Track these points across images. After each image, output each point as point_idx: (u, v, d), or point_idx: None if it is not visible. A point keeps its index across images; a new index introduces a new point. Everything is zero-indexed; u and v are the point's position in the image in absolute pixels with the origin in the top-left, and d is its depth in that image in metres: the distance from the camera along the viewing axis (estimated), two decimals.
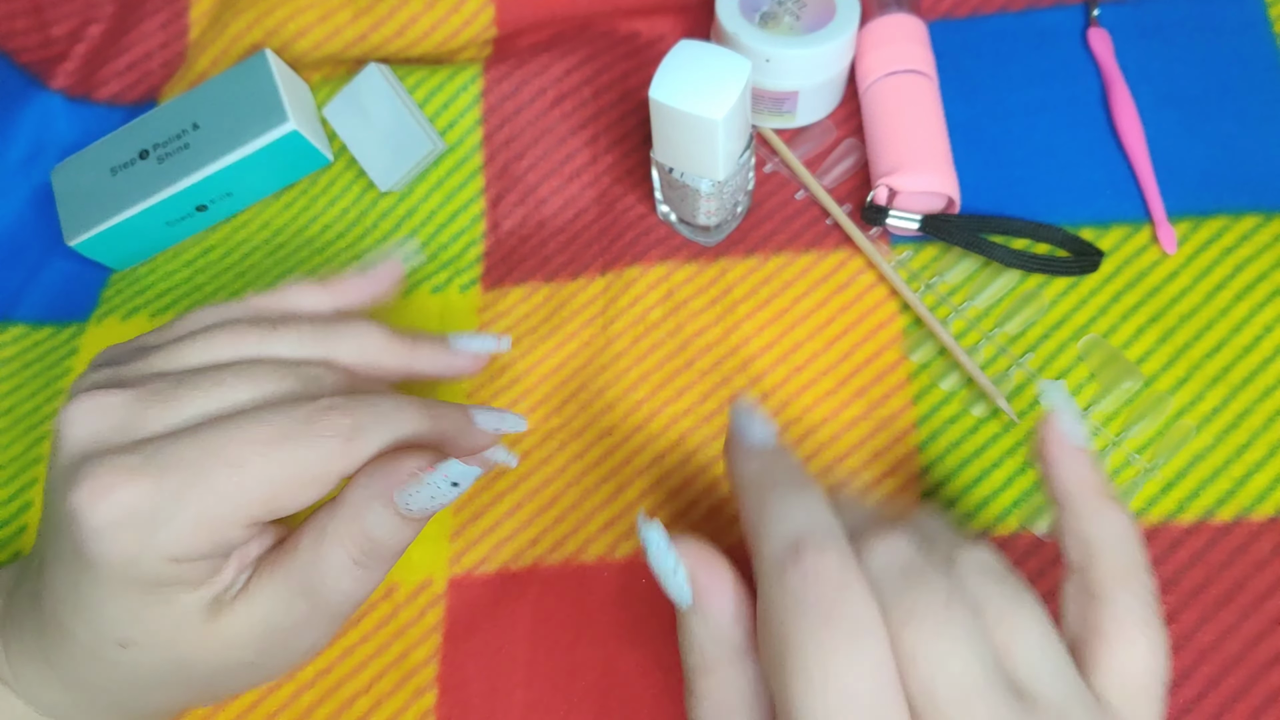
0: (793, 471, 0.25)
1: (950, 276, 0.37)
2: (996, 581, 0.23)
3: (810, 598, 0.21)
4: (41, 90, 0.46)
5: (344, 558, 0.26)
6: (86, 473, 0.24)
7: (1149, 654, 0.23)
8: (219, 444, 0.25)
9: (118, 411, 0.25)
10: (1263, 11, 0.40)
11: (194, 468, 0.24)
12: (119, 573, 0.24)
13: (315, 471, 0.25)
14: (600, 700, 0.32)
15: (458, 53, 0.45)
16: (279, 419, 0.25)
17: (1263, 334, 0.35)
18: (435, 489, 0.25)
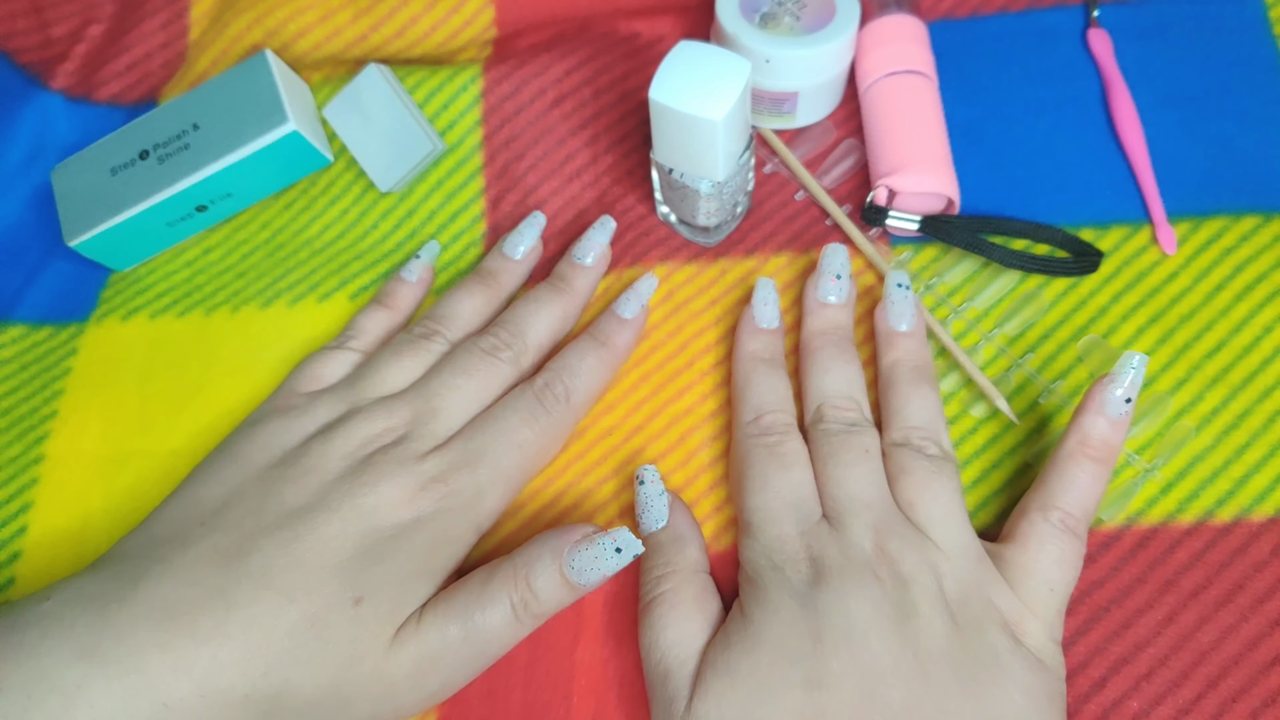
0: (776, 354, 0.35)
1: (950, 277, 0.37)
2: (921, 457, 0.31)
3: (761, 443, 0.32)
4: (41, 90, 0.46)
5: (505, 600, 0.29)
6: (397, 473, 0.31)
7: (1047, 561, 0.29)
8: (501, 432, 0.32)
9: (400, 427, 0.33)
10: (1263, 12, 0.40)
11: (493, 453, 0.32)
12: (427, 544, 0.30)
13: (557, 432, 0.34)
14: (599, 701, 0.32)
15: (458, 53, 0.45)
16: (521, 403, 0.33)
17: (1263, 334, 0.35)
18: (600, 550, 0.29)
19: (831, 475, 0.31)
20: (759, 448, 0.32)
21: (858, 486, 0.31)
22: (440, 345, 0.35)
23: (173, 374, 0.39)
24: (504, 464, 0.32)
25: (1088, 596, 0.32)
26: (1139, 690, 0.30)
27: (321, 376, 0.35)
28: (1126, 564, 0.32)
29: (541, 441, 0.33)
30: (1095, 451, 0.30)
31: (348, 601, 0.28)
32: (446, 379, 0.34)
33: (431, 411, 0.33)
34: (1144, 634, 0.31)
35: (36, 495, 0.37)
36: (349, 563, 0.29)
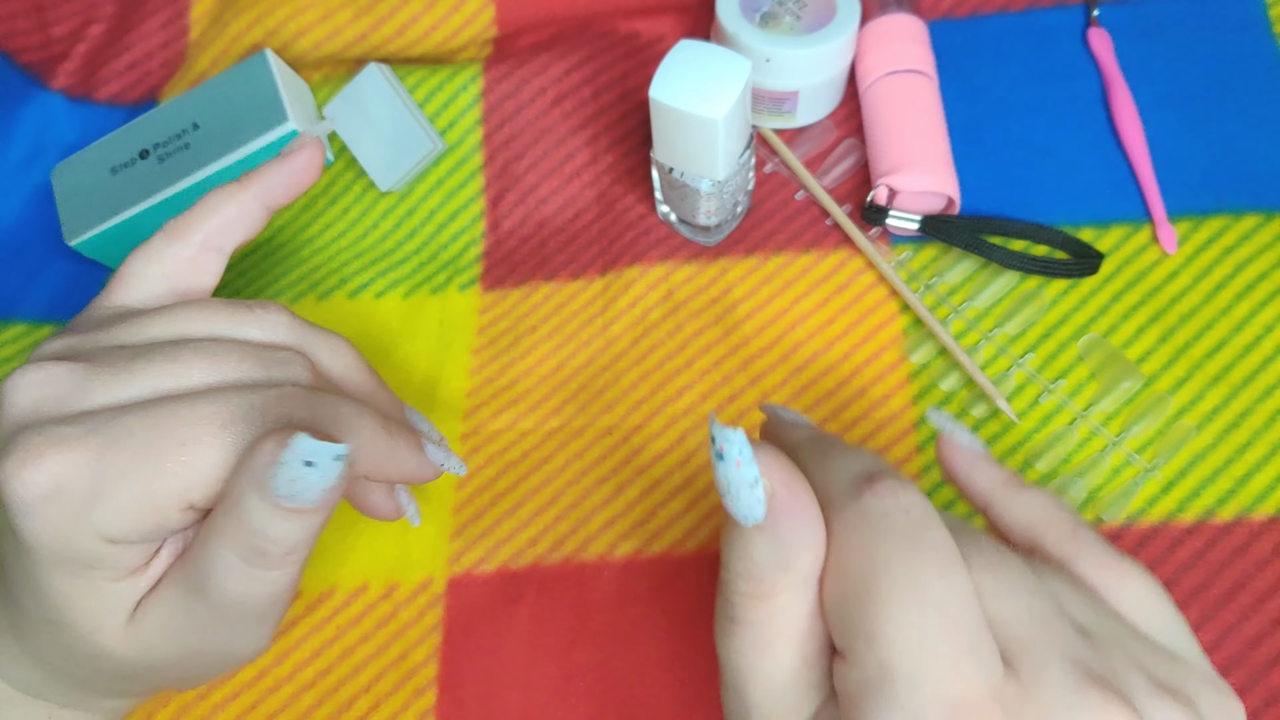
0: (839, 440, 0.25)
1: (950, 277, 0.37)
2: (1011, 555, 0.22)
3: (895, 523, 0.20)
4: (42, 90, 0.46)
5: (229, 555, 0.23)
6: (19, 443, 0.23)
7: (1136, 574, 0.23)
8: (169, 422, 0.23)
9: (63, 382, 0.24)
10: (1263, 11, 0.40)
11: (140, 443, 0.23)
12: (48, 550, 0.23)
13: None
14: (598, 701, 0.32)
15: (458, 53, 0.45)
16: (234, 401, 0.24)
17: (1263, 334, 0.35)
18: (294, 470, 0.22)
19: (985, 584, 0.20)
20: (891, 531, 0.20)
21: (1032, 600, 0.20)
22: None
23: None
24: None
25: None
26: None
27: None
28: None
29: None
30: (1015, 478, 0.25)
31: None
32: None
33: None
34: None
35: None
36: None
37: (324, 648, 0.34)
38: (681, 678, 0.32)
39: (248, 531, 0.23)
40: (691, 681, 0.32)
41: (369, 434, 0.26)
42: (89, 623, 0.25)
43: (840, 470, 0.22)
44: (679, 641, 0.32)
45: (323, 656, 0.34)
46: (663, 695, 0.32)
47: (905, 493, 0.21)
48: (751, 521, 0.21)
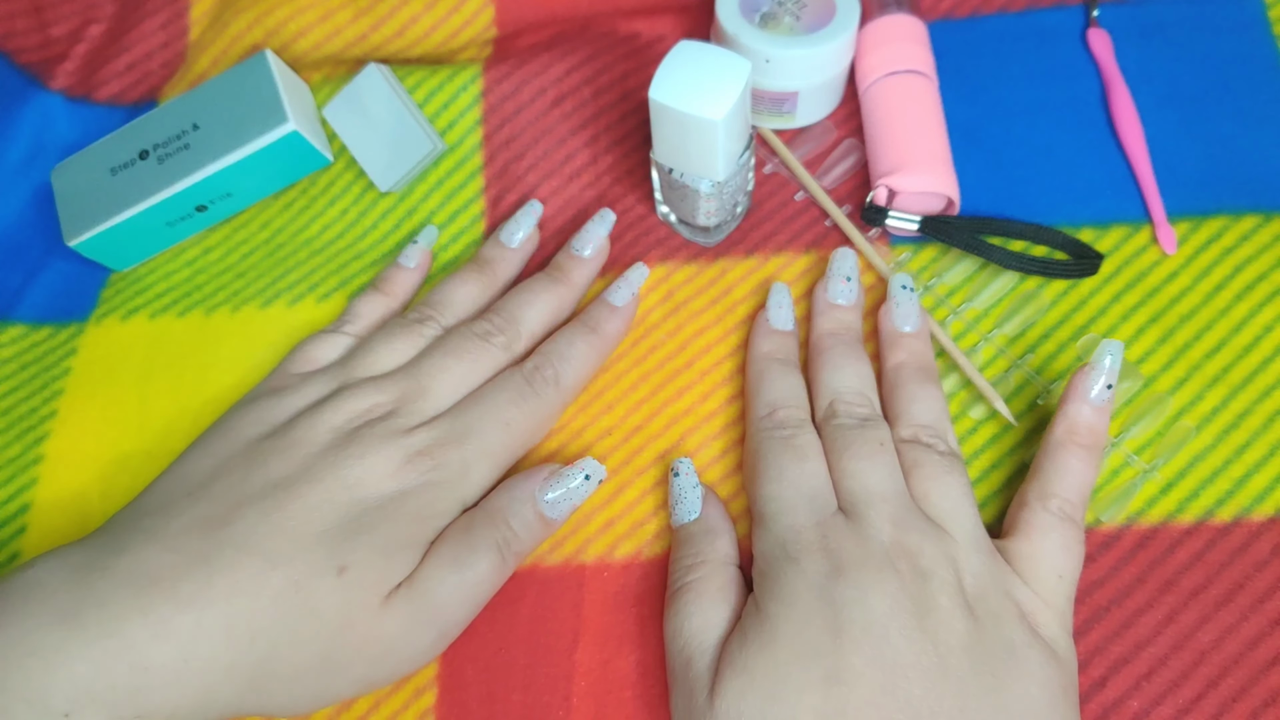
0: (789, 356, 0.35)
1: (949, 278, 0.37)
2: (933, 452, 0.31)
3: (776, 436, 0.33)
4: (41, 90, 0.46)
5: (491, 544, 0.31)
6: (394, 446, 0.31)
7: (1052, 549, 0.30)
8: (489, 411, 0.33)
9: (388, 404, 0.33)
10: (1263, 11, 0.40)
11: (480, 431, 0.32)
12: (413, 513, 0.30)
13: (545, 414, 0.34)
14: (599, 702, 0.32)
15: (458, 53, 0.45)
16: (510, 384, 0.34)
17: (1263, 334, 0.35)
18: (570, 481, 0.32)
19: (847, 468, 0.31)
20: (773, 440, 0.32)
21: (874, 479, 0.30)
22: (433, 330, 0.36)
23: (172, 374, 0.39)
24: (490, 441, 0.33)
25: (1088, 596, 0.32)
26: (1139, 690, 0.30)
27: (315, 359, 0.36)
28: (1127, 564, 0.32)
29: (528, 422, 0.34)
30: (1084, 439, 0.31)
31: (332, 570, 0.29)
32: (437, 360, 0.34)
33: (420, 390, 0.33)
34: (1144, 634, 0.31)
35: (36, 495, 0.37)
36: (333, 532, 0.29)
37: None
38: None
39: (508, 527, 0.31)
40: None
41: (584, 343, 0.35)
42: (336, 620, 0.29)
43: (760, 400, 0.34)
44: None
45: None
46: (664, 696, 0.32)
47: (788, 419, 0.33)
48: (693, 515, 0.33)
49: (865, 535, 0.29)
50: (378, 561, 0.29)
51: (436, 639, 0.30)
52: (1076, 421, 0.31)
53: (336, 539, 0.29)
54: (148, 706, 0.27)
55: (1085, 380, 0.31)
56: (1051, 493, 0.30)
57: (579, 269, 0.37)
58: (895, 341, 0.35)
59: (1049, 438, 0.32)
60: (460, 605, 0.30)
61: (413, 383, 0.33)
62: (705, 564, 0.31)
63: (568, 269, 0.37)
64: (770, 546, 0.30)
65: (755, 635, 0.28)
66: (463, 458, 0.32)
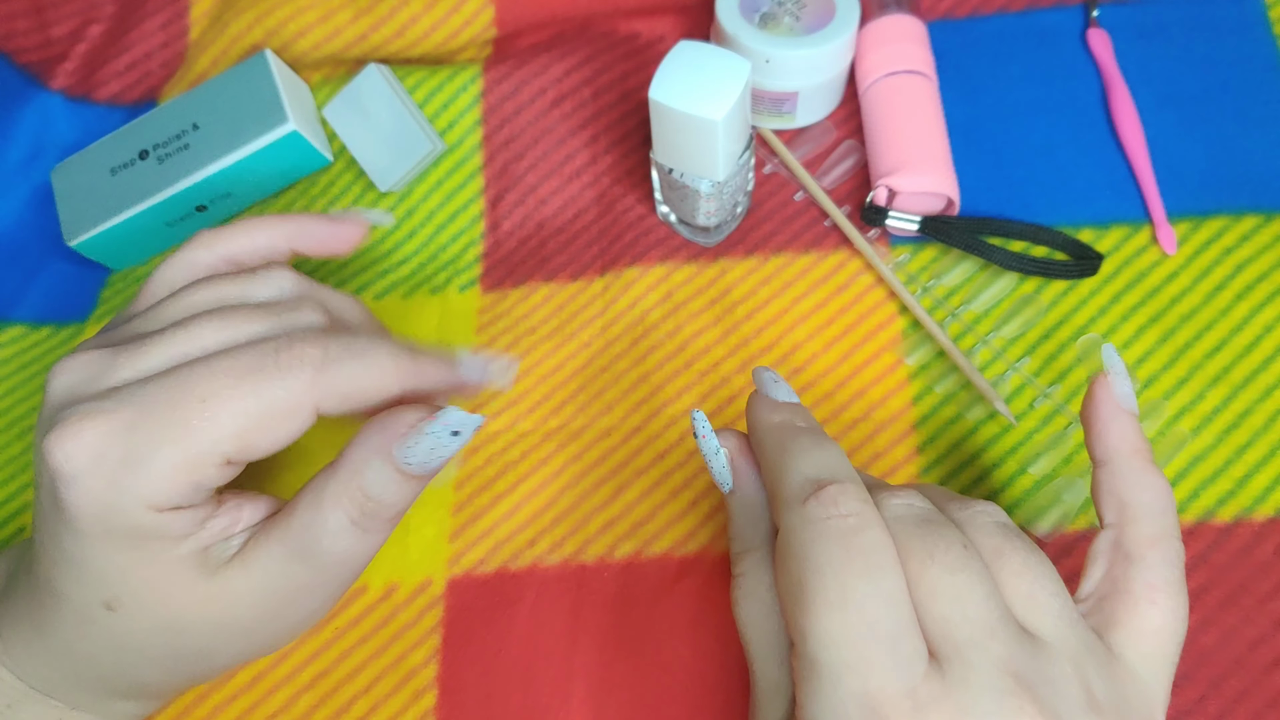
0: (813, 424, 0.27)
1: (949, 279, 0.37)
2: (1007, 535, 0.24)
3: (831, 528, 0.22)
4: (41, 90, 0.46)
5: (342, 518, 0.25)
6: (59, 418, 0.24)
7: (1171, 615, 0.24)
8: (188, 381, 0.24)
9: (92, 365, 0.25)
10: (1263, 11, 0.40)
11: (165, 406, 0.24)
12: (98, 523, 0.24)
13: (287, 404, 0.25)
14: (599, 702, 0.32)
15: (458, 53, 0.45)
16: (247, 353, 0.25)
17: (1263, 334, 0.35)
18: (436, 440, 0.25)
19: (936, 587, 0.22)
20: (827, 536, 0.22)
21: (975, 604, 0.21)
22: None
23: None
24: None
25: None
26: None
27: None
28: None
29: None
30: (1149, 452, 0.26)
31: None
32: None
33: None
34: None
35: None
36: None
37: (323, 649, 0.34)
38: (682, 679, 0.32)
39: (364, 496, 0.25)
40: (693, 682, 0.32)
41: (389, 355, 0.26)
42: (153, 592, 0.25)
43: (793, 473, 0.24)
44: (679, 643, 0.32)
45: (322, 658, 0.34)
46: (664, 696, 0.32)
47: (846, 500, 0.23)
48: (726, 487, 0.27)
49: (982, 712, 0.20)
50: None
51: (305, 617, 0.28)
52: (1134, 437, 0.26)
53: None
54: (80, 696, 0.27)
55: (1115, 391, 0.27)
56: (1165, 535, 0.24)
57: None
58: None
59: (1110, 468, 0.26)
60: (322, 584, 0.27)
61: None
62: (751, 552, 0.26)
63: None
64: (826, 716, 0.21)
65: None
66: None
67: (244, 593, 0.26)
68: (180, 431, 0.24)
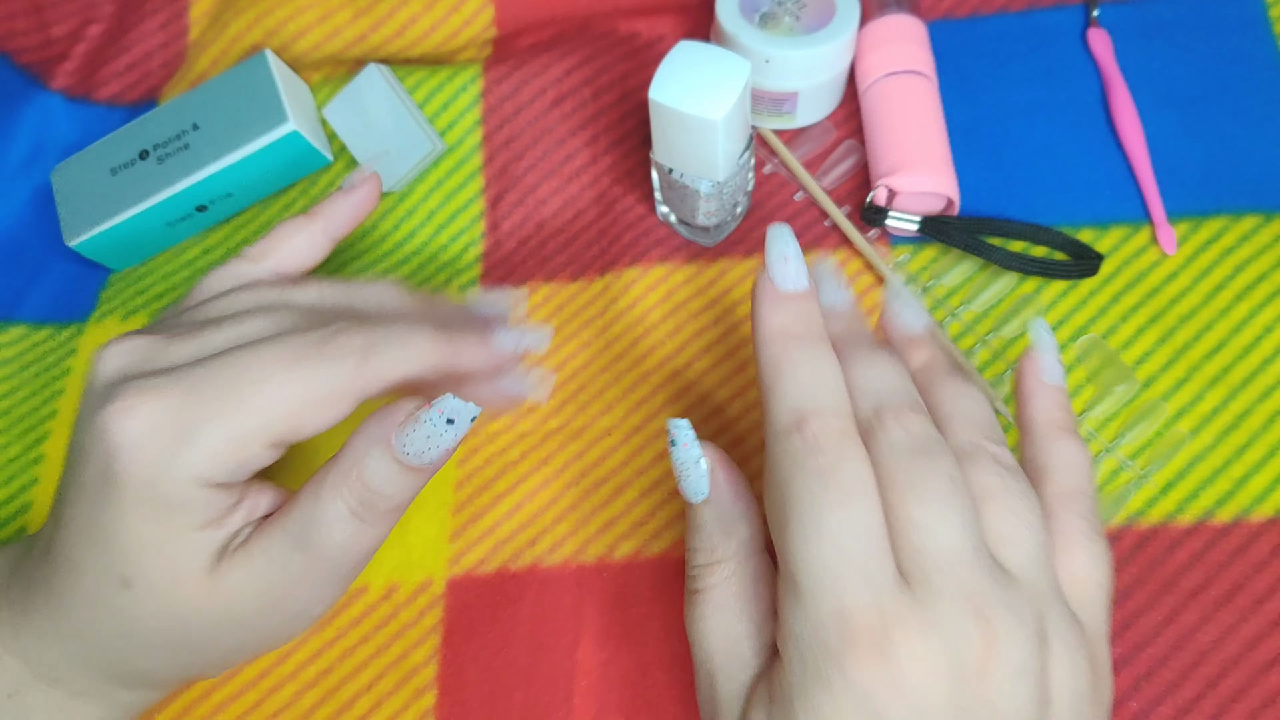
0: (811, 326, 0.26)
1: (948, 279, 0.37)
2: (1003, 476, 0.24)
3: (810, 462, 0.23)
4: (41, 90, 0.46)
5: (341, 508, 0.26)
6: (115, 393, 0.25)
7: (1090, 563, 0.25)
8: (243, 363, 0.26)
9: (146, 348, 0.27)
10: (1263, 11, 0.40)
11: (220, 385, 0.25)
12: (141, 492, 0.25)
13: (332, 389, 0.26)
14: (600, 701, 0.32)
15: (457, 53, 0.45)
16: (296, 340, 0.27)
17: (1262, 334, 0.35)
18: (431, 428, 0.26)
19: (914, 516, 0.23)
20: (806, 472, 0.23)
21: (950, 534, 0.23)
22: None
23: None
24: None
25: None
26: (1139, 690, 0.30)
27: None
28: (1126, 564, 0.32)
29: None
30: (1068, 422, 0.27)
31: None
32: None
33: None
34: (1144, 634, 0.31)
35: (36, 495, 0.37)
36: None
37: (325, 648, 0.34)
38: (682, 678, 0.32)
39: (364, 487, 0.26)
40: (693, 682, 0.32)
41: (428, 340, 0.28)
42: (166, 576, 0.26)
43: (780, 402, 0.25)
44: (679, 642, 0.32)
45: (323, 656, 0.34)
46: (664, 695, 0.32)
47: (826, 434, 0.24)
48: (700, 496, 0.26)
49: (941, 627, 0.22)
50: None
51: (303, 609, 0.28)
52: (1053, 410, 0.27)
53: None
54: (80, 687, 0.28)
55: (1039, 364, 0.28)
56: (1072, 492, 0.26)
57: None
58: (911, 344, 0.29)
59: (1031, 437, 0.27)
60: (322, 578, 0.27)
61: None
62: (721, 565, 0.26)
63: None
64: (807, 631, 0.22)
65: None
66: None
67: (243, 583, 0.26)
68: (234, 408, 0.25)
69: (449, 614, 0.34)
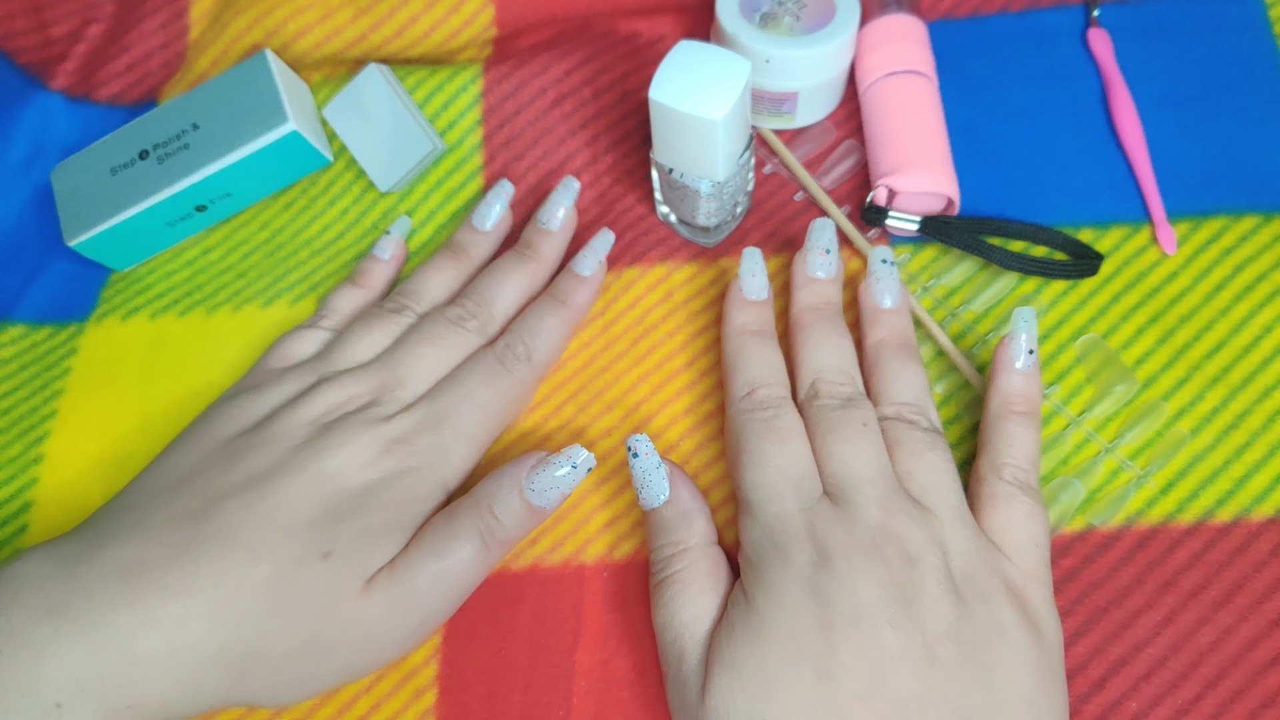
0: (765, 326, 0.35)
1: (948, 279, 0.37)
2: (911, 430, 0.31)
3: (757, 418, 0.32)
4: (41, 90, 0.46)
5: (473, 532, 0.31)
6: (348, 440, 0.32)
7: (1017, 516, 0.30)
8: (463, 393, 0.33)
9: (366, 395, 0.33)
10: (1263, 11, 0.40)
11: (456, 413, 0.33)
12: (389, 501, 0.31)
13: (519, 391, 0.35)
14: (599, 701, 0.32)
15: (458, 53, 0.44)
16: (482, 364, 0.34)
17: (1262, 334, 0.35)
18: (556, 469, 0.31)
19: (832, 451, 0.30)
20: (754, 422, 0.31)
21: (859, 461, 0.30)
22: (409, 318, 0.36)
23: (173, 374, 0.39)
24: (466, 423, 0.33)
25: (1087, 597, 0.32)
26: (1138, 691, 0.30)
27: (292, 354, 0.36)
28: (1126, 564, 0.32)
29: (502, 400, 0.34)
30: (1020, 405, 0.32)
31: (316, 556, 0.29)
32: (412, 348, 0.35)
33: (397, 379, 0.34)
34: (1143, 634, 0.31)
35: (36, 495, 0.37)
36: (315, 520, 0.30)
37: None
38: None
39: (491, 515, 0.31)
40: None
41: (556, 317, 0.36)
42: (321, 605, 0.29)
43: (738, 378, 0.33)
44: None
45: None
46: (662, 696, 0.32)
47: (769, 398, 0.32)
48: (661, 498, 0.31)
49: (852, 521, 0.29)
50: (360, 547, 0.30)
51: (417, 626, 0.30)
52: (1009, 392, 0.32)
53: (318, 527, 0.30)
54: (138, 695, 0.27)
55: (1009, 350, 0.32)
56: (1003, 462, 0.31)
57: (547, 243, 0.38)
58: (875, 318, 0.34)
59: (987, 413, 0.32)
60: (441, 593, 0.30)
61: (389, 372, 0.34)
62: (686, 552, 0.31)
63: (536, 244, 0.38)
64: (757, 535, 0.29)
65: (744, 630, 0.28)
66: (440, 441, 0.32)
67: (384, 604, 0.30)
68: (474, 427, 0.33)
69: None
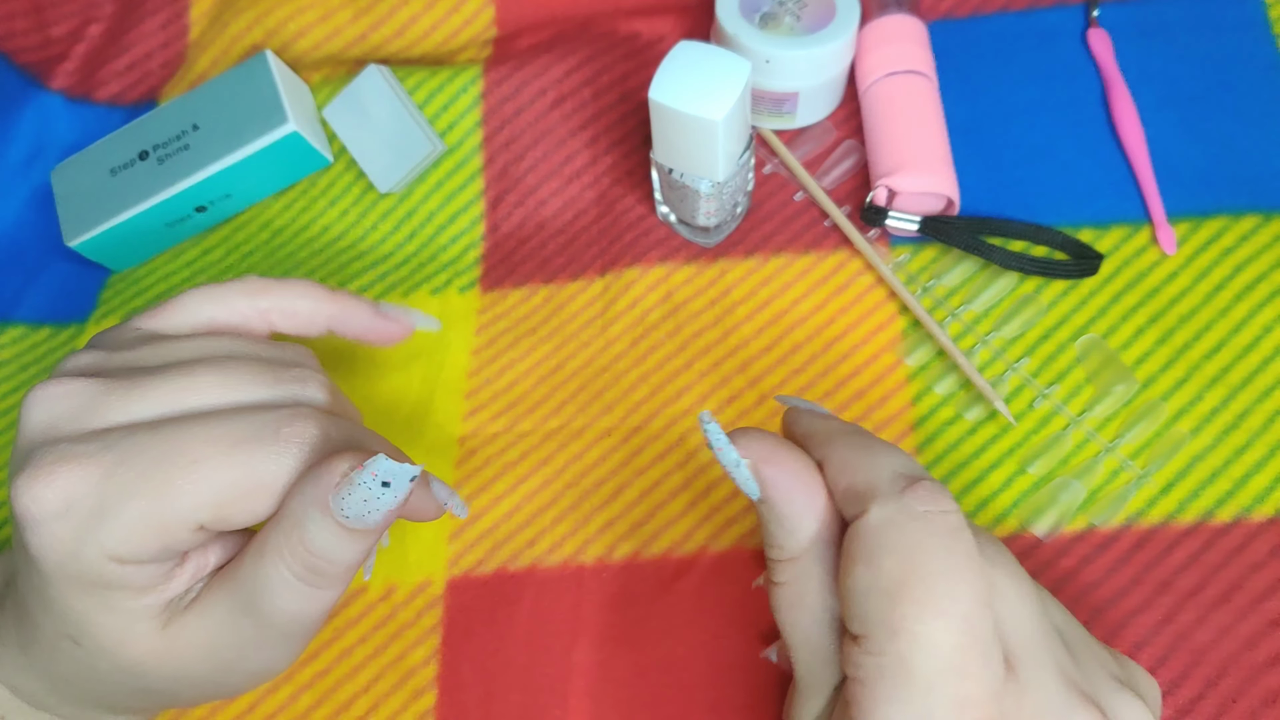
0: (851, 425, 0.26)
1: (949, 279, 0.37)
2: (1018, 563, 0.23)
3: (937, 524, 0.21)
4: (41, 90, 0.46)
5: (286, 574, 0.24)
6: (32, 459, 0.23)
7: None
8: (180, 440, 0.23)
9: (79, 397, 0.24)
10: (1263, 11, 0.40)
11: (149, 461, 0.23)
12: (58, 568, 0.23)
13: (276, 480, 0.24)
14: (598, 702, 0.32)
15: (458, 53, 0.45)
16: (247, 420, 0.24)
17: (1262, 334, 0.35)
18: (367, 490, 0.23)
19: (1005, 593, 0.22)
20: (933, 533, 0.21)
21: (1032, 611, 0.22)
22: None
23: None
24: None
25: (1086, 596, 0.32)
26: None
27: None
28: (1125, 564, 0.32)
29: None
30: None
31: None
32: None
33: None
34: (1142, 634, 0.31)
35: None
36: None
37: (322, 648, 0.34)
38: (681, 679, 0.32)
39: (307, 551, 0.23)
40: (692, 682, 0.32)
41: (381, 441, 0.27)
42: (111, 638, 0.24)
43: (884, 464, 0.23)
44: (678, 643, 0.32)
45: (321, 657, 0.34)
46: (663, 696, 0.32)
47: (945, 498, 0.22)
48: (755, 496, 0.24)
49: (1052, 710, 0.21)
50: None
51: (270, 663, 0.27)
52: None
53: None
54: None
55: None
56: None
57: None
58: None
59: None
60: (280, 638, 0.25)
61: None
62: (792, 561, 0.24)
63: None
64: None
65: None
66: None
67: (194, 644, 0.25)
68: (160, 490, 0.23)
69: (448, 614, 0.34)
